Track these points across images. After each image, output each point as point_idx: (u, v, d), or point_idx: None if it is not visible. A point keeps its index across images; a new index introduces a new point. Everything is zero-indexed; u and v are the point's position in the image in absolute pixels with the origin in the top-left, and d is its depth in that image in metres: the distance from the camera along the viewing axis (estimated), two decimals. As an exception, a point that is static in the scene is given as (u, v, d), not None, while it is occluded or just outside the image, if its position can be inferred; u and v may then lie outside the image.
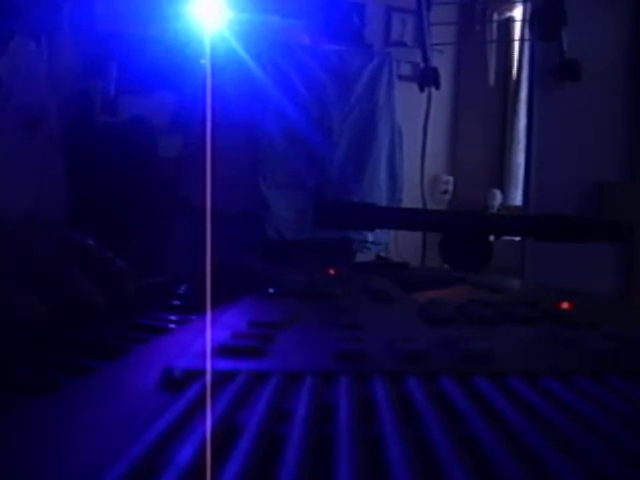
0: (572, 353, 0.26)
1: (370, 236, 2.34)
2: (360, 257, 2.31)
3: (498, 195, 2.74)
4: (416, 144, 2.35)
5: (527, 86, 2.39)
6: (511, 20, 2.77)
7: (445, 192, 2.88)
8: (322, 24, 2.60)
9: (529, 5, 2.16)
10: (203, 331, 0.28)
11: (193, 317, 0.39)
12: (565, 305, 0.40)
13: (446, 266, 1.00)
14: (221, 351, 0.24)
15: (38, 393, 0.22)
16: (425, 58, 2.13)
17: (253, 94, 2.20)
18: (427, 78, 2.16)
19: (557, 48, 1.85)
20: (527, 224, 1.08)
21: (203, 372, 0.21)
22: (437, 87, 2.18)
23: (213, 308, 0.35)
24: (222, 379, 0.21)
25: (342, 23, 2.66)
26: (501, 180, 2.81)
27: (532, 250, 1.87)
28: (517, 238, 1.90)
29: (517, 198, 2.64)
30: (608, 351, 0.25)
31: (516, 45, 2.70)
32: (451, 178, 2.89)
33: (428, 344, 0.25)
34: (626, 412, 0.19)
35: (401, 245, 2.49)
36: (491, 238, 1.04)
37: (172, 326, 0.37)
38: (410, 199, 2.43)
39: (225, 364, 0.22)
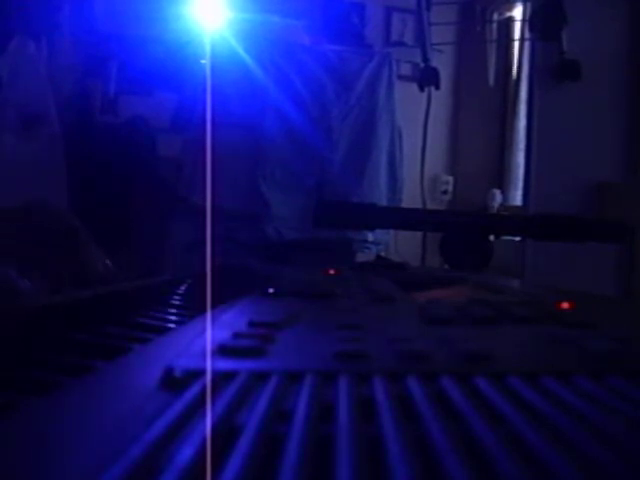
0: (572, 353, 0.26)
1: (370, 236, 2.34)
2: (360, 257, 2.30)
3: (498, 195, 2.73)
4: (416, 144, 2.35)
5: (527, 86, 2.39)
6: (511, 20, 2.77)
7: (445, 192, 2.88)
8: (322, 24, 2.60)
9: (529, 5, 2.16)
10: (203, 331, 0.28)
11: (193, 317, 0.39)
12: (565, 305, 0.40)
13: (446, 266, 1.00)
14: (221, 351, 0.24)
15: (38, 393, 0.22)
16: (425, 58, 2.13)
17: (253, 94, 2.20)
18: (427, 78, 2.16)
19: (557, 48, 1.85)
20: (527, 224, 1.08)
21: (203, 372, 0.21)
22: (437, 87, 2.19)
23: (213, 308, 0.35)
24: (222, 379, 0.21)
25: (342, 23, 2.65)
26: (501, 180, 2.80)
27: (532, 250, 1.87)
28: (517, 238, 1.89)
29: (517, 198, 2.64)
30: (608, 351, 0.25)
31: (516, 45, 2.70)
32: (451, 178, 2.89)
33: (428, 344, 0.25)
34: (626, 412, 0.19)
35: (401, 245, 2.49)
36: (491, 238, 1.04)
37: (172, 326, 0.37)
38: (410, 199, 2.43)
39: (225, 364, 0.22)
